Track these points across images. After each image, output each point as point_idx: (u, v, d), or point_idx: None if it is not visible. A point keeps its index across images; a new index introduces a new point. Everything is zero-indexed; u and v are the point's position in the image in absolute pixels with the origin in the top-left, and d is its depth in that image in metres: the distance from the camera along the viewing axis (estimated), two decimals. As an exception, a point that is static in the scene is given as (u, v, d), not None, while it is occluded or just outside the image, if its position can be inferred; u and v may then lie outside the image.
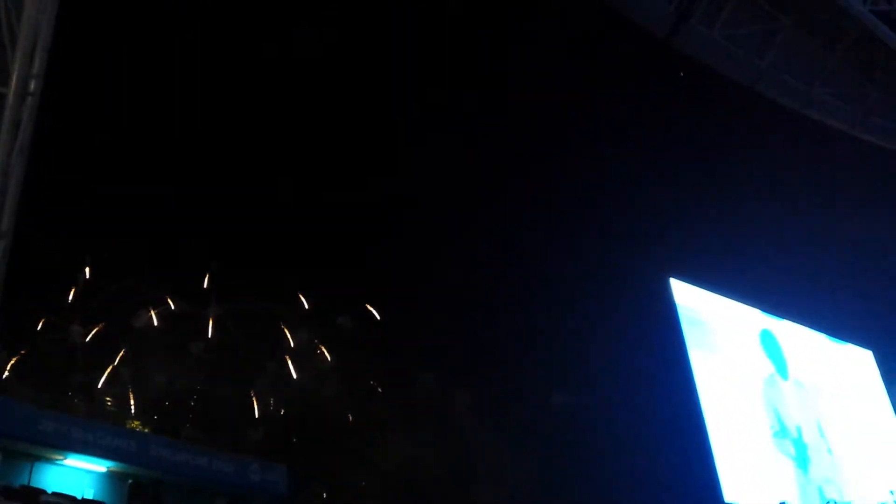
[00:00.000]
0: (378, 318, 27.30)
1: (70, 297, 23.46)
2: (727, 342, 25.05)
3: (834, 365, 27.92)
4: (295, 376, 25.93)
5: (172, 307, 24.89)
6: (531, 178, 26.94)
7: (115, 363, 23.27)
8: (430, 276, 26.85)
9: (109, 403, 21.13)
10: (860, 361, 29.03)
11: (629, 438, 25.75)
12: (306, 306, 26.67)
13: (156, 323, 24.59)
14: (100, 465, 18.81)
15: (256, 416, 24.78)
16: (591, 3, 19.57)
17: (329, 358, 26.75)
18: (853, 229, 27.28)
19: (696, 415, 22.06)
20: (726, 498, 21.11)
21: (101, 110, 22.99)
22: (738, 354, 25.06)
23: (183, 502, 20.17)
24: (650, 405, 24.88)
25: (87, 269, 23.73)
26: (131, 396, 22.63)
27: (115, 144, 23.53)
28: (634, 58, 22.34)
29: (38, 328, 22.30)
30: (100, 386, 22.09)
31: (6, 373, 19.91)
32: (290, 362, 26.15)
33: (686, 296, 24.49)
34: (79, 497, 18.00)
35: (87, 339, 23.36)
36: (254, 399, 25.11)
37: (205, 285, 25.63)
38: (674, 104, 24.87)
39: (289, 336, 26.55)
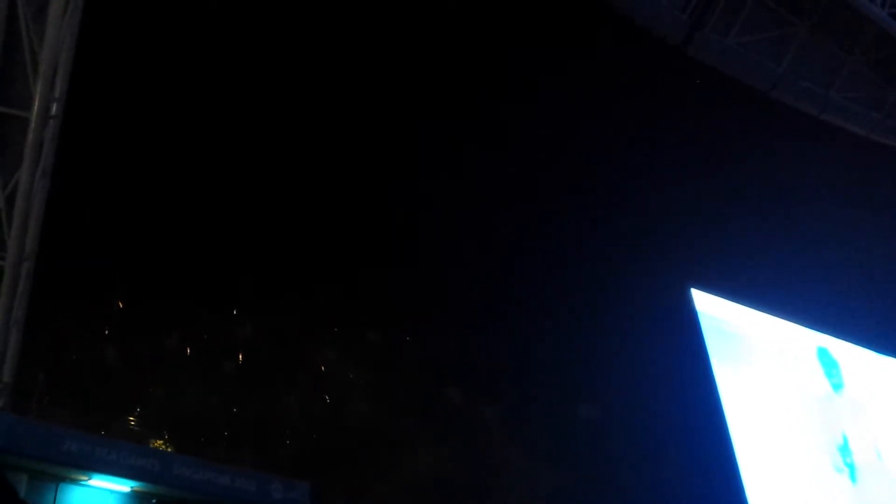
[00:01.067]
0: (406, 336, 27.19)
1: (102, 319, 23.58)
2: (769, 356, 24.50)
3: (873, 377, 27.39)
4: (322, 394, 25.88)
5: (201, 327, 24.94)
6: (548, 188, 26.89)
7: (148, 385, 23.34)
8: (450, 292, 26.79)
9: (132, 423, 21.19)
10: (887, 369, 28.57)
11: (650, 452, 25.47)
12: (334, 328, 26.62)
13: (185, 343, 24.68)
14: (124, 486, 18.85)
15: (283, 433, 24.71)
16: (606, 13, 19.56)
17: (355, 375, 26.69)
18: (877, 235, 27.04)
19: (722, 430, 21.66)
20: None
21: (127, 132, 23.15)
22: (783, 369, 24.46)
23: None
24: (671, 419, 24.60)
25: (119, 298, 23.87)
26: (159, 417, 22.64)
27: (143, 165, 23.70)
28: (651, 66, 22.31)
29: (72, 350, 22.41)
30: (137, 410, 22.15)
31: (46, 396, 20.02)
32: (316, 380, 26.11)
33: (719, 309, 24.05)
34: (104, 517, 18.08)
35: (120, 362, 23.46)
36: (281, 417, 25.06)
37: (234, 311, 25.66)
38: (690, 111, 24.80)
39: (315, 354, 26.53)
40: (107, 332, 23.10)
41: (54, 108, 11.49)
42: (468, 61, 24.41)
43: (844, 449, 24.09)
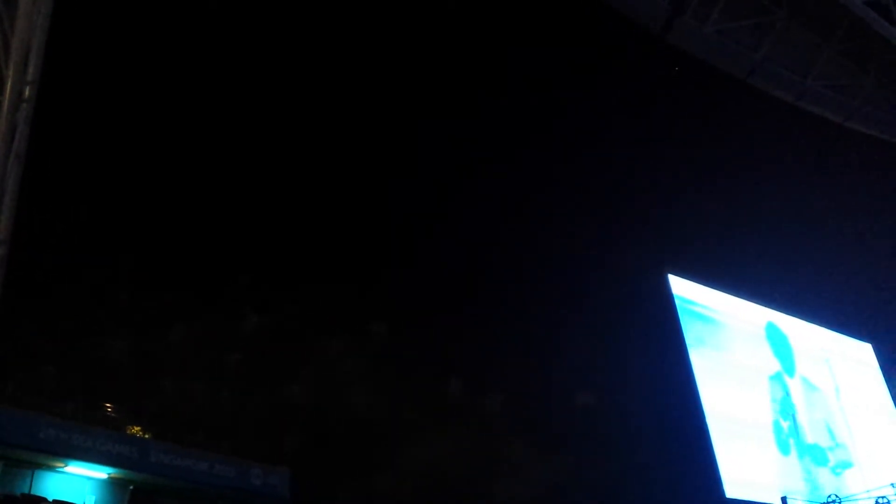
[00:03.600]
0: (405, 330, 27.20)
1: (81, 309, 23.30)
2: (735, 338, 24.97)
3: (837, 359, 27.85)
4: (325, 385, 25.84)
5: (201, 318, 24.78)
6: (531, 183, 26.99)
7: (149, 376, 23.18)
8: (443, 286, 26.86)
9: (109, 409, 21.00)
10: (861, 354, 29.01)
11: (631, 435, 25.78)
12: (336, 321, 26.52)
13: (185, 334, 24.56)
14: (101, 472, 18.74)
15: (286, 425, 24.59)
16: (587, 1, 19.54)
17: (355, 367, 26.68)
18: (851, 222, 27.32)
19: (697, 412, 22.04)
20: (728, 494, 21.10)
21: (122, 120, 22.78)
22: (745, 351, 24.95)
23: (185, 507, 20.14)
24: (652, 403, 24.90)
25: (97, 288, 23.62)
26: (154, 406, 22.47)
27: (141, 157, 23.37)
28: (629, 53, 22.34)
29: (49, 339, 22.13)
30: (138, 400, 21.94)
31: (23, 383, 19.80)
32: (319, 372, 26.10)
33: (693, 292, 24.40)
34: (80, 504, 17.97)
35: (125, 353, 23.28)
36: (283, 409, 25.00)
37: (235, 298, 25.49)
38: (670, 98, 24.88)
39: (317, 346, 26.48)
40: (84, 322, 22.85)
41: (27, 92, 11.29)
42: (468, 61, 24.35)
43: (801, 429, 24.57)
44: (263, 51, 23.23)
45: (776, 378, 25.07)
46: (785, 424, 24.27)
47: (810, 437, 24.74)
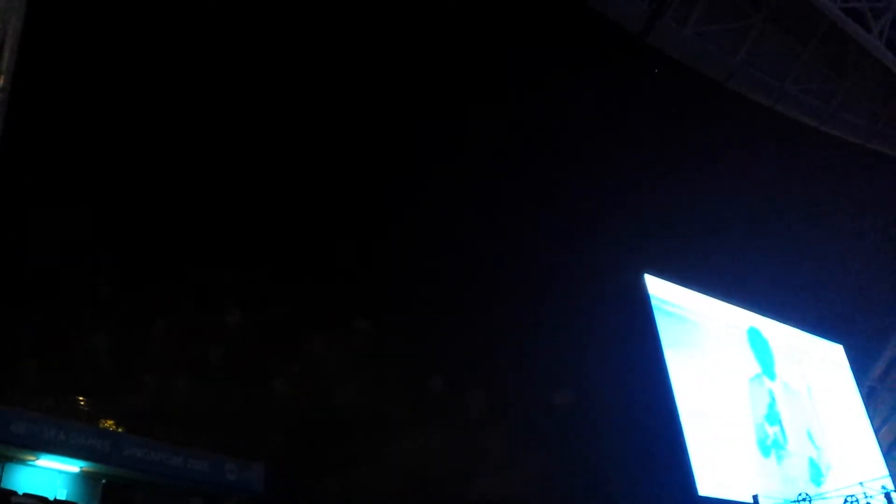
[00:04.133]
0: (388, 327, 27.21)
1: (87, 307, 23.13)
2: (710, 339, 25.11)
3: (810, 360, 28.14)
4: (309, 382, 25.82)
5: (181, 314, 24.65)
6: (512, 178, 27.05)
7: (128, 371, 23.03)
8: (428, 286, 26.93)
9: (82, 403, 20.79)
10: (833, 355, 29.37)
11: (606, 433, 25.94)
12: (318, 318, 26.48)
13: (165, 330, 24.45)
14: (72, 466, 18.58)
15: (269, 421, 24.54)
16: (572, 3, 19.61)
17: (337, 363, 26.66)
18: (825, 225, 27.64)
19: (672, 411, 22.15)
20: (701, 492, 21.27)
21: (106, 110, 22.46)
22: (720, 351, 25.07)
23: (158, 502, 20.01)
24: (626, 401, 25.02)
25: (104, 280, 23.45)
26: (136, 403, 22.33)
27: (124, 148, 23.10)
28: (609, 54, 22.42)
29: (57, 338, 21.90)
30: (114, 395, 21.78)
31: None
32: (302, 369, 26.07)
33: (668, 292, 24.54)
34: (51, 498, 17.78)
35: (107, 349, 23.08)
36: (266, 405, 24.95)
37: (213, 293, 25.39)
38: (648, 100, 25.01)
39: (295, 340, 26.45)
40: (63, 317, 22.62)
41: (1, 81, 11.16)
42: (468, 61, 24.32)
43: (779, 430, 24.84)
44: (252, 45, 23.02)
45: (757, 381, 25.25)
46: (771, 430, 24.43)
47: (793, 441, 24.94)
